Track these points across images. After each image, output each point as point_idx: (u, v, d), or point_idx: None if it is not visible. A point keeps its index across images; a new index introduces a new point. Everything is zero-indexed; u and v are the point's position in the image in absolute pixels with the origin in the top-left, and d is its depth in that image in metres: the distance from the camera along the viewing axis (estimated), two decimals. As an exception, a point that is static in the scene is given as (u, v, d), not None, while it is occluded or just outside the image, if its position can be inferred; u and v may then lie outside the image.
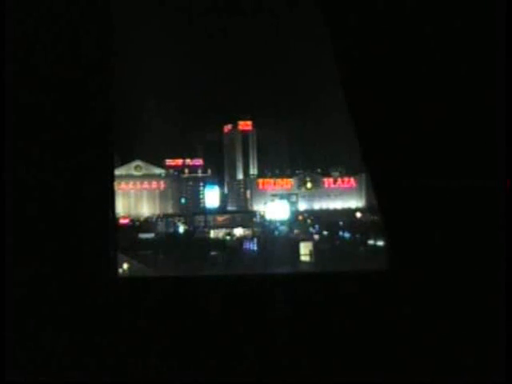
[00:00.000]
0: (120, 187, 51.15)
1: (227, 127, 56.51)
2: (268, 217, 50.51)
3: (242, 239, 47.44)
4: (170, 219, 50.52)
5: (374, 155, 5.60)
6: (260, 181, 54.39)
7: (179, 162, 54.85)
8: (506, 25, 5.32)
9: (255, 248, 45.62)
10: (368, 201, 51.35)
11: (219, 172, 55.78)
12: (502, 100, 5.37)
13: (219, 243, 46.61)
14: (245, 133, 55.89)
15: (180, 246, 43.77)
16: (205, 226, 49.49)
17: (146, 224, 50.15)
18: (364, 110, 5.57)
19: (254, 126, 56.02)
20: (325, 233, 47.08)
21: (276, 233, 48.04)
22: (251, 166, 55.71)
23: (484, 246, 5.50)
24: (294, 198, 52.95)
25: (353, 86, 5.58)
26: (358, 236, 45.02)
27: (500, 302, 5.37)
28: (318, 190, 54.08)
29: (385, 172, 5.60)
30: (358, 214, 51.27)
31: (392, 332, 5.58)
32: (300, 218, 50.75)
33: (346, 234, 46.57)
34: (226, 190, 55.51)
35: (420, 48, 5.47)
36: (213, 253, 43.38)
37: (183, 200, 53.66)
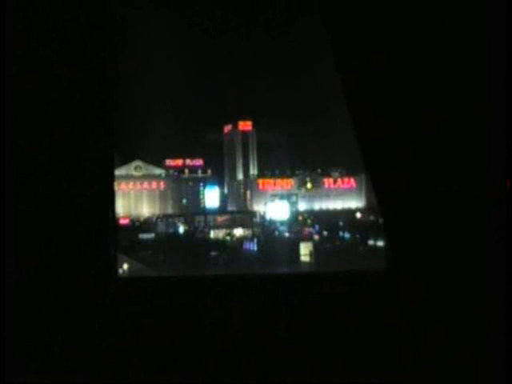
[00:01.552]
0: (120, 187, 51.19)
1: (227, 127, 56.55)
2: (268, 217, 50.55)
3: (241, 239, 47.48)
4: (170, 219, 50.57)
5: (374, 156, 5.61)
6: (260, 181, 54.44)
7: (179, 162, 54.90)
8: (505, 35, 5.34)
9: (255, 248, 45.67)
10: (368, 201, 51.40)
11: (219, 172, 55.82)
12: (501, 102, 5.37)
13: (219, 243, 46.67)
14: (245, 133, 55.93)
15: (180, 247, 43.80)
16: (205, 227, 49.53)
17: (146, 224, 50.20)
18: (364, 111, 5.57)
19: (253, 125, 56.08)
20: (325, 233, 47.12)
21: (276, 233, 48.09)
22: (251, 166, 55.74)
23: (484, 247, 5.50)
24: (293, 199, 52.99)
25: (353, 88, 5.59)
26: (357, 236, 45.06)
27: (500, 302, 5.37)
28: (317, 191, 54.11)
29: (385, 173, 5.61)
30: (358, 215, 51.32)
31: (392, 332, 5.58)
32: (300, 218, 50.79)
33: (346, 235, 46.61)
34: (226, 191, 55.55)
35: (420, 53, 5.47)
36: (213, 253, 43.42)
37: (184, 200, 53.72)
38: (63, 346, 5.59)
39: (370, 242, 42.66)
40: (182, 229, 49.26)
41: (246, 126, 56.34)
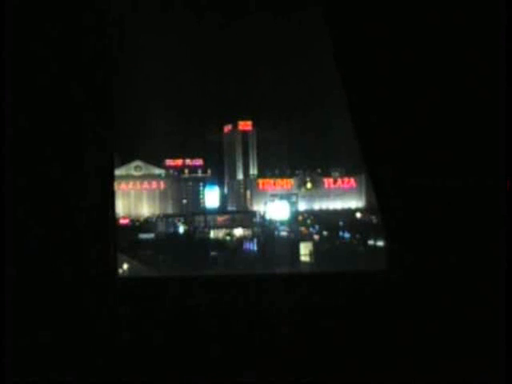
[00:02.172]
0: (120, 187, 51.15)
1: (227, 127, 56.50)
2: (268, 217, 50.52)
3: (241, 239, 47.45)
4: (170, 219, 50.53)
5: (374, 155, 5.61)
6: (260, 181, 54.39)
7: (179, 162, 54.84)
8: (506, 26, 5.33)
9: (255, 248, 45.66)
10: (368, 201, 51.37)
11: (219, 172, 55.76)
12: (501, 100, 5.38)
13: (219, 243, 46.64)
14: (245, 133, 55.89)
15: (180, 247, 43.78)
16: (205, 227, 49.49)
17: (146, 224, 50.16)
18: (364, 110, 5.57)
19: (253, 125, 56.03)
20: (325, 233, 47.10)
21: (276, 233, 48.07)
22: (251, 166, 55.70)
23: (484, 246, 5.50)
24: (293, 198, 52.95)
25: (353, 86, 5.59)
26: (357, 236, 45.04)
27: (500, 301, 5.37)
28: (317, 190, 54.08)
29: (384, 172, 5.61)
30: (358, 214, 51.30)
31: (392, 332, 5.58)
32: (300, 218, 50.76)
33: (346, 235, 46.59)
34: (225, 191, 55.49)
35: (419, 48, 5.48)
36: (213, 253, 43.42)
37: (184, 200, 53.69)
38: (63, 345, 5.59)
39: (370, 242, 42.65)
40: (181, 229, 49.23)
41: (245, 125, 56.28)
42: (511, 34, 5.34)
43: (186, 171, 55.24)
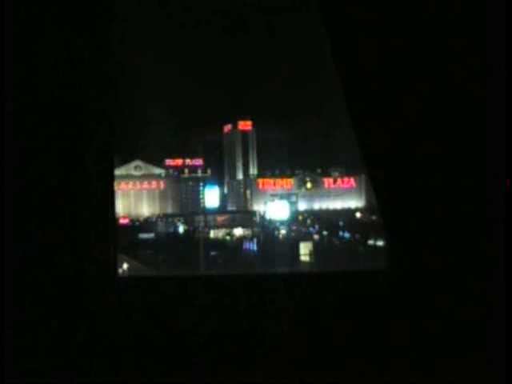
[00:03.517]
0: (120, 187, 51.11)
1: (227, 127, 56.45)
2: (268, 217, 50.50)
3: (241, 239, 47.44)
4: (170, 219, 50.51)
5: (374, 155, 5.61)
6: (260, 181, 54.34)
7: (179, 161, 54.79)
8: (505, 25, 5.33)
9: (255, 248, 45.66)
10: (368, 201, 51.33)
11: (219, 172, 55.71)
12: (501, 99, 5.37)
13: (219, 243, 46.64)
14: (245, 133, 55.85)
15: (180, 246, 43.78)
16: (205, 226, 49.47)
17: (146, 224, 50.15)
18: (363, 110, 5.57)
19: (253, 125, 55.98)
20: (324, 233, 47.10)
21: (276, 233, 48.06)
22: (251, 166, 55.65)
23: (484, 246, 5.50)
24: (293, 198, 52.91)
25: (351, 85, 5.59)
26: (357, 236, 45.03)
27: (500, 301, 5.37)
28: (317, 190, 54.04)
29: (385, 172, 5.61)
30: (358, 214, 51.27)
31: (392, 331, 5.58)
32: (300, 217, 50.76)
33: (346, 234, 46.59)
34: (225, 190, 55.45)
35: (418, 49, 5.47)
36: (213, 253, 43.41)
37: (184, 200, 53.66)
38: (63, 345, 5.60)
39: (370, 242, 42.63)
40: (181, 228, 49.23)
41: (245, 125, 56.23)
42: (508, 27, 5.34)
43: (186, 171, 55.22)
